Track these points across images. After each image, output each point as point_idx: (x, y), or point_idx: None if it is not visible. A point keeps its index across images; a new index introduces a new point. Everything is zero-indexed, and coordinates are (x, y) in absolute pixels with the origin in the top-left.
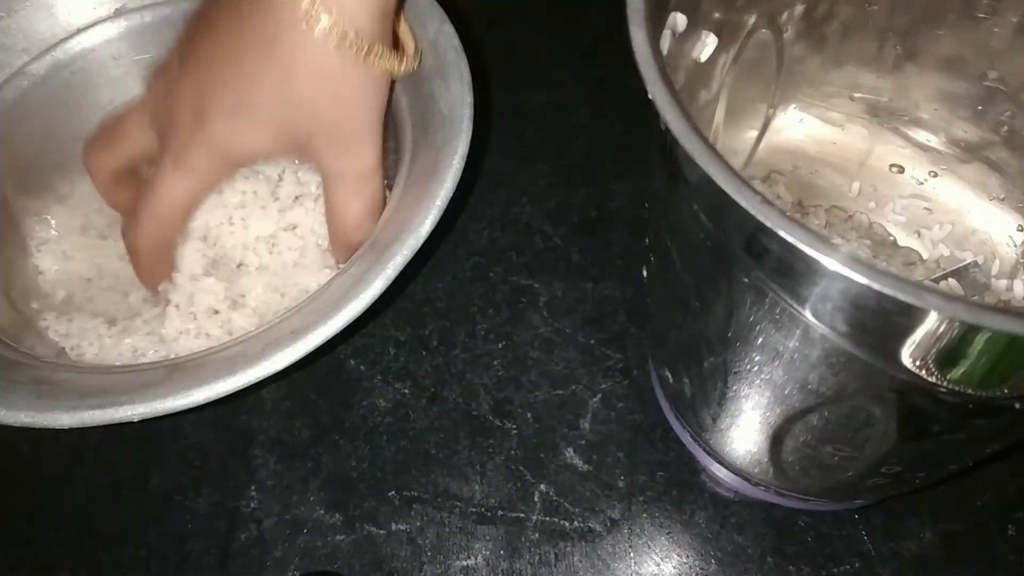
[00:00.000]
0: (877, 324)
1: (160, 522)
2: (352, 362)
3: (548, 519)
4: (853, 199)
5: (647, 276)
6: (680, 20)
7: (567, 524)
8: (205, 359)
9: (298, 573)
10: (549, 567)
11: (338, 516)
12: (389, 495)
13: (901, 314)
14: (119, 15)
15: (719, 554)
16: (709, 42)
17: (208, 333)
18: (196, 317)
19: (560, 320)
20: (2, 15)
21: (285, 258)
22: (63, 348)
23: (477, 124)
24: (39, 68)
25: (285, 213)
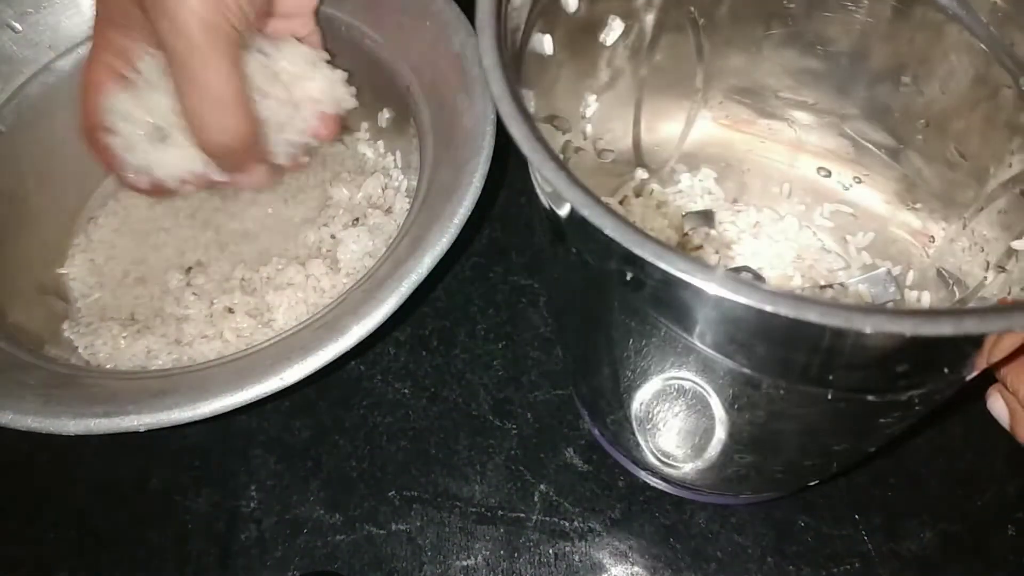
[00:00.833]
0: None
1: (160, 522)
2: (352, 362)
3: (548, 519)
4: (785, 200)
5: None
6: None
7: (567, 524)
8: (213, 370)
9: (298, 573)
10: (549, 567)
11: (338, 516)
12: (389, 495)
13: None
14: None
15: (719, 554)
16: (615, 27)
17: (225, 339)
18: (213, 319)
19: None
20: (30, 11)
21: (315, 283)
22: (77, 348)
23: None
24: (65, 65)
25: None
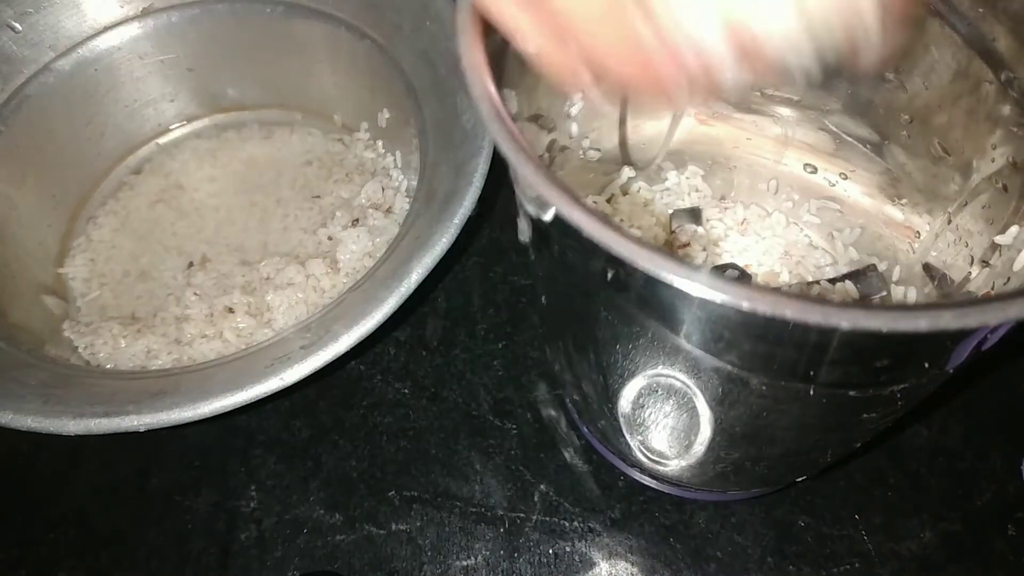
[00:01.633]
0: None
1: (160, 522)
2: (352, 362)
3: (548, 519)
4: (772, 196)
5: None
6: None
7: (567, 524)
8: (213, 370)
9: (298, 573)
10: (549, 567)
11: (338, 516)
12: (389, 495)
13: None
14: (146, 14)
15: (719, 554)
16: None
17: (225, 339)
18: (213, 319)
19: None
20: (30, 11)
21: (315, 283)
22: (77, 348)
23: None
24: (65, 65)
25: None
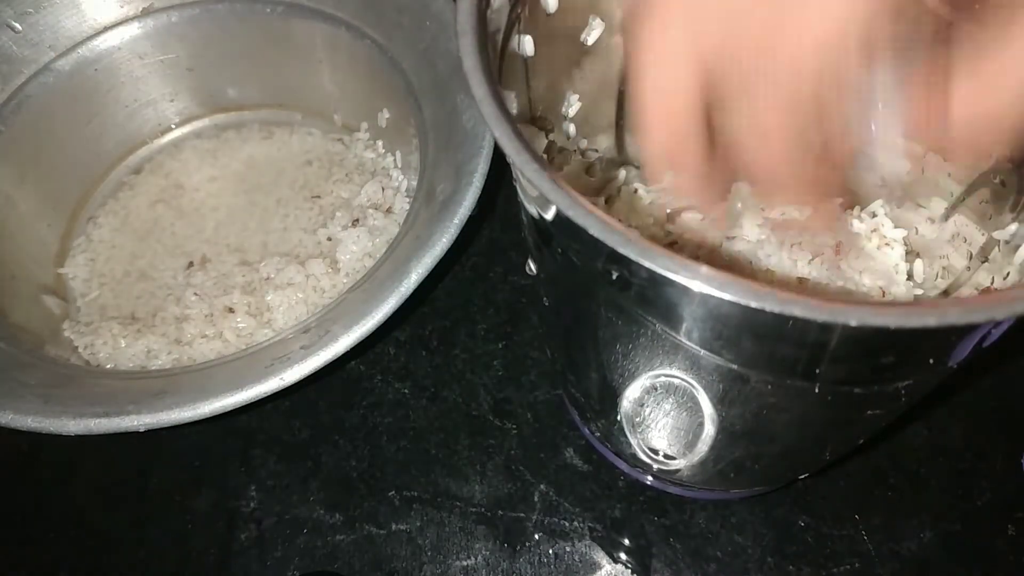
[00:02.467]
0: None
1: (160, 522)
2: (352, 362)
3: (548, 519)
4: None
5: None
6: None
7: (567, 524)
8: (213, 370)
9: (298, 573)
10: (549, 567)
11: (338, 516)
12: (389, 495)
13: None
14: (146, 14)
15: (719, 554)
16: (596, 26)
17: (225, 339)
18: (213, 318)
19: None
20: (30, 11)
21: (315, 283)
22: (77, 348)
23: None
24: (65, 65)
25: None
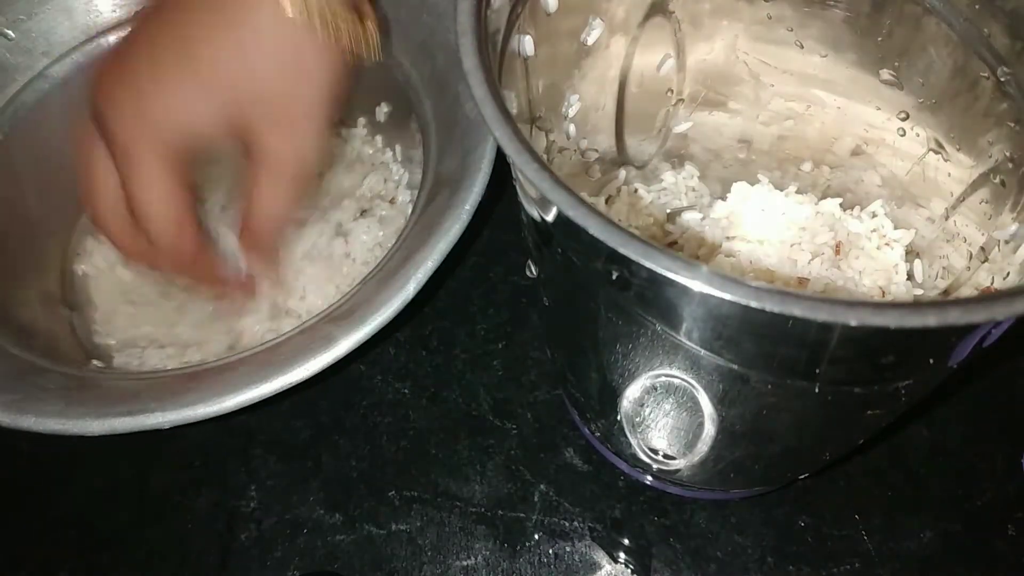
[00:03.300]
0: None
1: (160, 522)
2: (352, 362)
3: (548, 519)
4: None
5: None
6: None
7: (567, 524)
8: (231, 365)
9: (298, 573)
10: (549, 567)
11: (338, 516)
12: (389, 495)
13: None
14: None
15: (719, 554)
16: (596, 26)
17: (241, 335)
18: (226, 313)
19: None
20: (23, 18)
21: (329, 273)
22: (88, 351)
23: None
24: (59, 71)
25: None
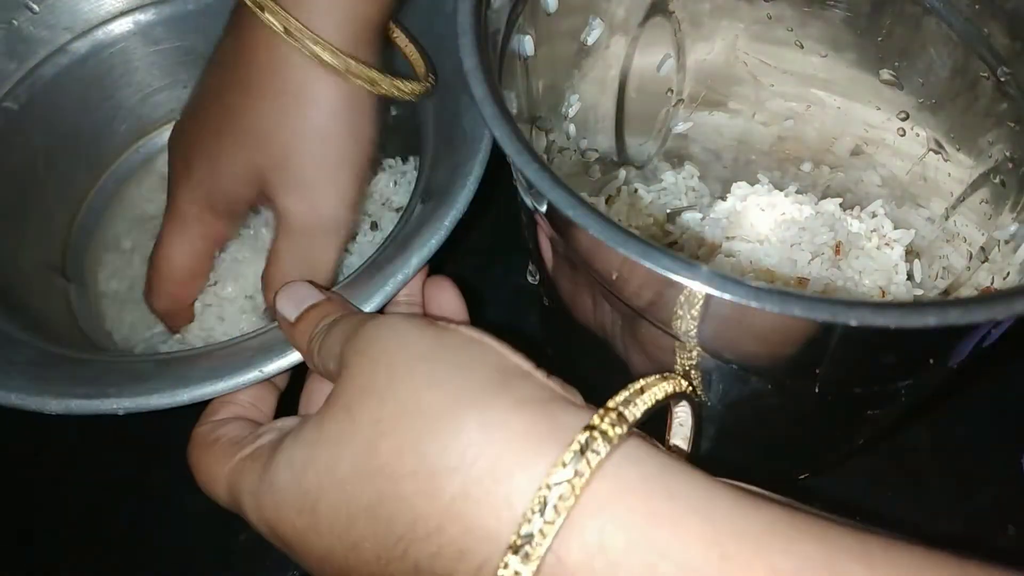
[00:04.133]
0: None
1: (160, 522)
2: None
3: None
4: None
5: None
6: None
7: None
8: (198, 358)
9: (298, 573)
10: None
11: None
12: None
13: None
14: (162, 1)
15: None
16: (596, 26)
17: (240, 325)
18: (224, 302)
19: None
20: None
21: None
22: (84, 329)
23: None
24: (80, 47)
25: None
